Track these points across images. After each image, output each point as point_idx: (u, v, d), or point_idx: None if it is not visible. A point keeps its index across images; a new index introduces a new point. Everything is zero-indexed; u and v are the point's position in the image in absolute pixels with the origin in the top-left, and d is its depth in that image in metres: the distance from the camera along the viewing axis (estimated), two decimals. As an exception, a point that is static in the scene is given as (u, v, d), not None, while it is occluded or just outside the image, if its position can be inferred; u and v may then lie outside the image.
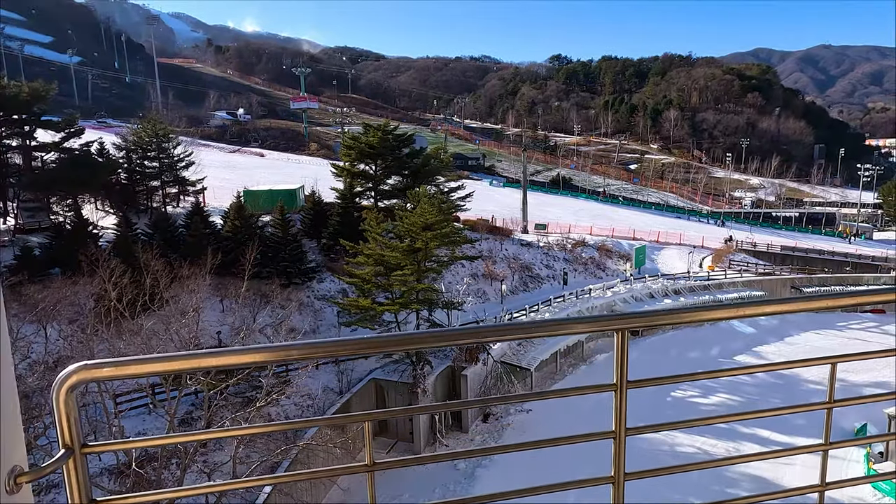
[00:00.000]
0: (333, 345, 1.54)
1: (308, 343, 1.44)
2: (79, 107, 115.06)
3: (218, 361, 1.38)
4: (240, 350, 1.42)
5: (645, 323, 1.70)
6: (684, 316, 1.66)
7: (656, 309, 1.67)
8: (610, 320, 1.62)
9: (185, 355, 1.36)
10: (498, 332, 1.67)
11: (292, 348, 1.44)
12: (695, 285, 48.33)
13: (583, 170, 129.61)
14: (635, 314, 1.65)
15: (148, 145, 43.81)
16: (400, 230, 30.52)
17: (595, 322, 1.66)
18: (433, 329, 1.54)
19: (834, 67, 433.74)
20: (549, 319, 1.64)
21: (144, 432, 21.39)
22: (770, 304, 1.73)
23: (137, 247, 24.32)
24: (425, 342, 1.61)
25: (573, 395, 1.71)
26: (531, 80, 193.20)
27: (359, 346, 1.52)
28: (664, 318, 1.69)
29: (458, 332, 1.52)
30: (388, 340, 1.73)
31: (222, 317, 30.45)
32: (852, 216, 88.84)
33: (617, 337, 1.60)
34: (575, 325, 1.59)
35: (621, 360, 1.63)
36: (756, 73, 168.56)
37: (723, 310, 1.65)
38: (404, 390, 28.86)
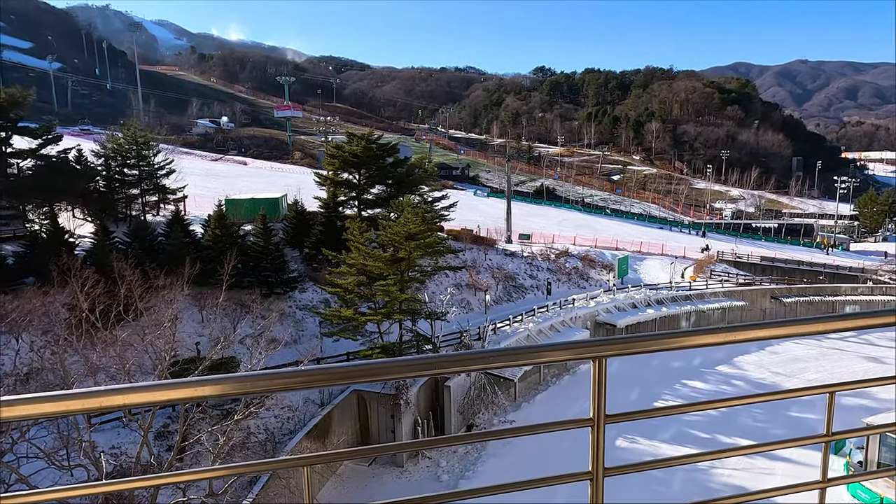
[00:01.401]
0: (290, 376, 1.37)
1: (262, 374, 1.29)
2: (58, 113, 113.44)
3: (144, 398, 1.22)
4: (176, 384, 1.26)
5: (626, 350, 1.55)
6: (670, 342, 1.52)
7: (639, 335, 1.52)
8: (587, 347, 1.49)
9: (112, 390, 1.21)
10: (467, 361, 1.51)
11: (245, 380, 1.29)
12: (677, 295, 48.67)
13: (566, 180, 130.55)
14: (616, 340, 1.52)
15: (127, 153, 43.16)
16: (383, 240, 30.32)
17: (571, 349, 1.51)
18: (403, 358, 1.36)
19: (810, 82, 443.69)
20: (521, 348, 1.43)
21: (119, 446, 20.82)
22: (761, 329, 1.60)
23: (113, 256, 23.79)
24: (391, 372, 1.46)
25: (547, 432, 1.57)
26: (515, 92, 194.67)
27: (317, 377, 1.36)
28: (647, 345, 1.55)
29: (424, 361, 1.39)
30: (350, 371, 1.47)
31: (201, 327, 29.93)
32: (830, 227, 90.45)
33: (594, 366, 1.48)
34: (549, 354, 1.47)
35: (598, 392, 1.51)
36: (735, 86, 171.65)
37: (711, 335, 1.52)
38: (387, 402, 28.53)
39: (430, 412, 29.99)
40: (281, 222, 42.50)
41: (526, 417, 31.30)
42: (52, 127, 43.14)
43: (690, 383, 36.37)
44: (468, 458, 28.17)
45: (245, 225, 38.27)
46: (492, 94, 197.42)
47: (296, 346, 31.39)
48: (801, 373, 38.32)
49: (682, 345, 1.54)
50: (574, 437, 28.80)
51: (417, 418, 28.93)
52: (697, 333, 1.52)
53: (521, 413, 31.95)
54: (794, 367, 39.29)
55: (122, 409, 1.28)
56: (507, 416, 31.54)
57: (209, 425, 19.17)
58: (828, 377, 37.76)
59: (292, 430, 26.24)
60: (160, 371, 15.97)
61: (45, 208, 37.74)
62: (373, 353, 28.87)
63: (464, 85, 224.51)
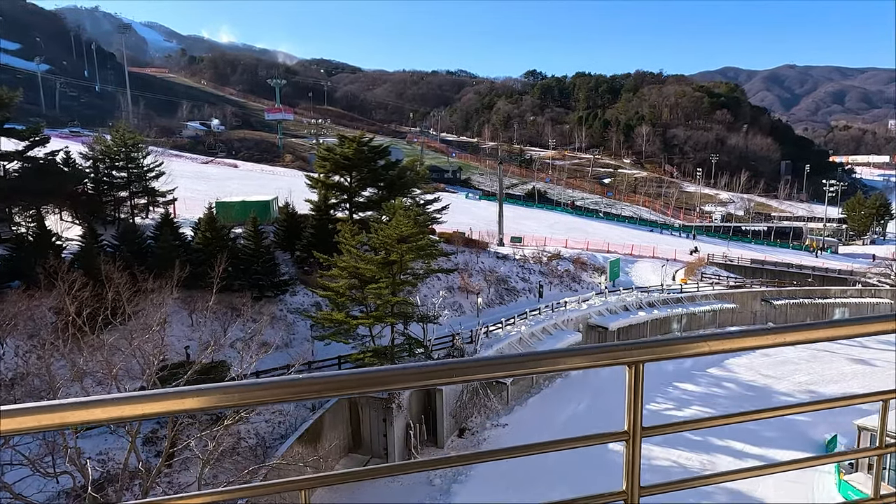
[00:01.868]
0: (283, 386, 1.22)
1: (252, 384, 1.17)
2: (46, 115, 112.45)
3: (111, 413, 1.08)
4: (151, 396, 1.10)
5: (665, 354, 1.42)
6: (713, 344, 1.40)
7: (678, 337, 1.39)
8: (621, 352, 1.35)
9: (74, 404, 1.06)
10: (486, 367, 1.35)
11: (232, 391, 1.15)
12: (668, 298, 48.81)
13: (558, 183, 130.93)
14: (653, 343, 1.38)
15: (116, 155, 42.71)
16: (375, 243, 30.14)
17: (602, 354, 1.37)
18: (411, 365, 1.21)
19: (798, 86, 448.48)
20: (547, 352, 1.29)
21: (106, 452, 20.47)
22: (812, 330, 1.47)
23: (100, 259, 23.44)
24: (398, 381, 1.30)
25: (579, 447, 1.44)
26: (507, 95, 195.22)
27: (313, 386, 1.22)
28: (686, 348, 1.41)
29: (436, 368, 1.26)
30: (348, 380, 1.29)
31: (191, 331, 29.62)
32: (819, 230, 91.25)
33: (629, 373, 1.35)
34: (576, 359, 1.33)
35: (634, 402, 1.38)
36: (724, 91, 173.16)
37: (758, 336, 1.41)
38: (379, 406, 28.32)
39: (422, 416, 29.81)
40: (272, 225, 42.21)
41: (519, 421, 31.20)
42: (40, 129, 42.61)
43: (682, 385, 36.44)
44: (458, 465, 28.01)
45: (236, 228, 37.95)
46: (483, 98, 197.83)
47: (287, 349, 31.09)
48: (790, 375, 38.53)
49: (726, 347, 1.43)
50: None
51: (410, 422, 28.74)
52: (745, 335, 1.40)
53: (514, 416, 31.84)
54: (785, 370, 39.49)
55: (85, 424, 1.11)
56: (499, 420, 31.42)
57: (199, 430, 18.90)
58: (818, 379, 38.00)
59: (283, 434, 25.97)
60: (148, 376, 15.71)
61: (31, 211, 37.23)
62: (364, 357, 28.67)
63: (455, 88, 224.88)
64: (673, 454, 28.46)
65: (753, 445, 27.63)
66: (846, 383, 36.82)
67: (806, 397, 34.85)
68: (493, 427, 30.71)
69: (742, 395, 35.06)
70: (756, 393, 35.45)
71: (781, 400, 34.61)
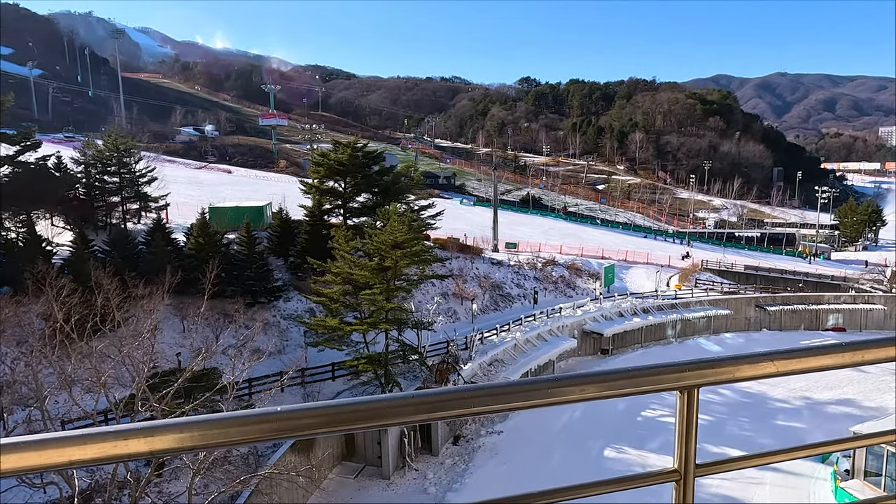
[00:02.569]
0: (256, 421, 0.99)
1: (215, 420, 0.96)
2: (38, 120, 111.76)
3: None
4: (85, 437, 0.88)
5: (721, 377, 1.24)
6: (778, 363, 1.22)
7: (735, 357, 1.23)
8: (672, 374, 1.16)
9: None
10: (513, 394, 1.15)
11: (190, 428, 0.93)
12: (663, 304, 48.81)
13: (552, 189, 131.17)
14: (708, 363, 1.19)
15: (108, 160, 42.42)
16: (369, 248, 29.97)
17: (650, 377, 1.17)
18: (413, 394, 1.07)
19: (790, 94, 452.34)
20: (574, 378, 1.03)
21: (95, 461, 20.07)
22: (878, 347, 1.30)
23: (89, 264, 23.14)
24: (401, 413, 1.07)
25: (629, 488, 1.25)
26: (501, 102, 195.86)
27: (293, 422, 1.01)
28: (748, 368, 1.21)
29: (460, 395, 1.04)
30: (340, 411, 1.05)
31: (183, 338, 29.29)
32: (811, 237, 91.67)
33: (681, 399, 1.17)
34: (621, 381, 1.15)
35: (687, 434, 1.20)
36: (717, 98, 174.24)
37: (833, 354, 1.25)
38: (373, 413, 28.07)
39: (416, 423, 29.57)
40: (265, 231, 41.95)
41: (514, 428, 30.98)
42: (31, 133, 42.29)
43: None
44: (455, 469, 27.77)
45: (229, 233, 37.67)
46: (477, 104, 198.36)
47: (280, 356, 30.81)
48: (785, 381, 38.43)
49: (797, 367, 1.25)
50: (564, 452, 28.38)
51: (404, 430, 28.47)
52: (821, 352, 1.23)
53: (510, 423, 31.62)
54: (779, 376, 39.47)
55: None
56: (494, 427, 31.20)
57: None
58: (813, 385, 37.98)
59: (275, 443, 25.67)
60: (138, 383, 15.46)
61: (22, 216, 36.86)
62: (358, 364, 28.43)
63: (449, 94, 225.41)
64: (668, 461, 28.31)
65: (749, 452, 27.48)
66: (841, 389, 36.81)
67: (801, 403, 34.83)
68: (489, 434, 30.48)
69: (738, 403, 34.98)
70: (752, 400, 35.38)
71: (778, 406, 34.58)
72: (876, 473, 23.32)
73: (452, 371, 30.97)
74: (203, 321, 26.69)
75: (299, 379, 28.80)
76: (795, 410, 33.64)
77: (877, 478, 23.19)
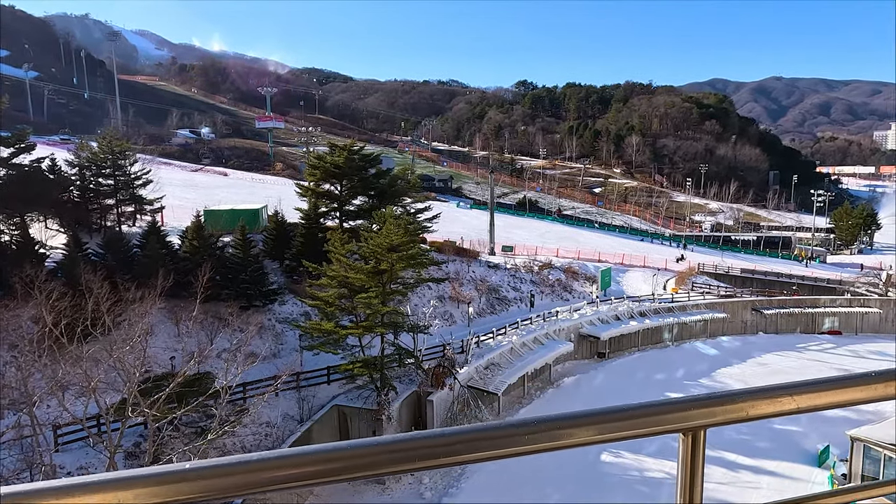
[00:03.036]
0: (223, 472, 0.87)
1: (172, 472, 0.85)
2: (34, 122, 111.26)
3: None
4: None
5: (730, 416, 1.10)
6: (798, 399, 1.09)
7: (750, 389, 1.06)
8: (674, 413, 1.03)
9: None
10: (484, 440, 1.01)
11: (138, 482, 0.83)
12: (660, 307, 48.75)
13: (549, 192, 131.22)
14: (716, 399, 1.06)
15: (103, 162, 42.15)
16: (365, 251, 29.82)
17: (645, 418, 1.05)
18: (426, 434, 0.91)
19: (785, 98, 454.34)
20: (559, 419, 0.93)
21: (86, 467, 19.88)
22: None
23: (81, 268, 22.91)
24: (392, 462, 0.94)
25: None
26: (498, 105, 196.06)
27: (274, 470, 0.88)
28: (765, 403, 1.08)
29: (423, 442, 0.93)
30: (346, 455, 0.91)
31: (176, 341, 29.07)
32: (807, 240, 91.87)
33: (684, 442, 1.03)
34: (618, 424, 1.03)
35: (691, 483, 1.05)
36: (713, 101, 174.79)
37: (861, 387, 1.11)
38: (368, 417, 27.90)
39: (412, 427, 29.38)
40: (261, 234, 41.73)
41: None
42: (25, 135, 41.91)
43: (674, 396, 36.11)
44: (451, 473, 27.59)
45: (224, 236, 37.45)
46: (474, 107, 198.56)
47: (275, 360, 30.61)
48: (782, 384, 38.50)
49: (821, 402, 1.11)
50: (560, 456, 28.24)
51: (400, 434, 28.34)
52: (847, 383, 1.10)
53: (505, 427, 31.48)
54: (776, 380, 38.62)
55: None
56: (490, 431, 31.05)
57: (182, 444, 18.42)
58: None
59: (270, 447, 25.45)
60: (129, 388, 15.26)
61: (15, 218, 36.57)
62: (354, 368, 28.25)
63: (447, 98, 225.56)
64: (666, 465, 28.23)
65: (747, 457, 27.45)
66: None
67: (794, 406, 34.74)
68: (485, 438, 30.34)
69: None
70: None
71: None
72: (873, 477, 23.25)
73: (448, 375, 30.82)
74: (197, 325, 26.50)
75: (294, 383, 28.60)
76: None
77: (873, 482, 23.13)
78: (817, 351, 46.95)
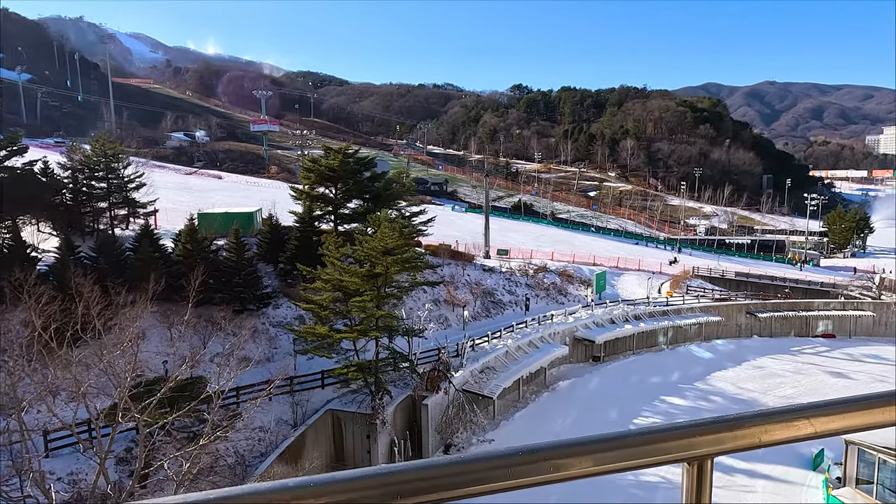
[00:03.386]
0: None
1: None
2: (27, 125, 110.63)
3: None
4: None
5: (740, 443, 1.01)
6: (816, 423, 1.01)
7: (762, 411, 0.97)
8: (676, 440, 0.94)
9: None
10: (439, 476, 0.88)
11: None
12: (654, 311, 48.79)
13: (544, 196, 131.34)
14: (725, 423, 0.97)
15: (96, 165, 41.90)
16: (359, 255, 29.70)
17: (644, 446, 0.94)
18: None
19: (778, 102, 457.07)
20: (571, 445, 0.92)
21: (76, 473, 19.66)
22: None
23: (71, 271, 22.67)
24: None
25: None
26: (493, 108, 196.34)
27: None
28: (779, 427, 1.00)
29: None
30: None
31: (169, 345, 28.81)
32: (801, 244, 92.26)
33: (689, 473, 0.95)
34: (617, 453, 0.92)
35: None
36: (707, 105, 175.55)
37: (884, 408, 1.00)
38: (363, 422, 27.74)
39: (407, 431, 29.25)
40: (255, 237, 41.56)
41: (505, 436, 30.73)
42: (18, 138, 41.64)
43: (669, 399, 36.25)
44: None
45: (218, 239, 37.27)
46: (469, 111, 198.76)
47: (268, 364, 30.42)
48: (776, 388, 38.54)
49: (840, 426, 1.02)
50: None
51: (394, 438, 28.17)
52: (862, 406, 1.01)
53: (501, 432, 31.37)
54: (771, 383, 39.50)
55: None
56: (485, 435, 30.94)
57: (175, 449, 18.23)
58: (803, 392, 38.01)
59: (263, 452, 25.27)
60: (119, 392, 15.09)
61: (7, 222, 36.27)
62: (348, 372, 28.09)
63: (442, 101, 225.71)
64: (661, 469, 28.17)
65: (742, 460, 27.38)
66: (824, 392, 36.87)
67: (792, 410, 34.78)
68: (480, 443, 30.20)
69: (729, 409, 34.86)
70: (743, 406, 35.29)
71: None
72: (867, 481, 23.24)
73: (443, 379, 30.70)
74: (190, 329, 26.29)
75: (288, 387, 28.42)
76: (787, 417, 33.61)
77: (868, 485, 23.12)
78: (811, 354, 47.06)
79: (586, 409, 33.65)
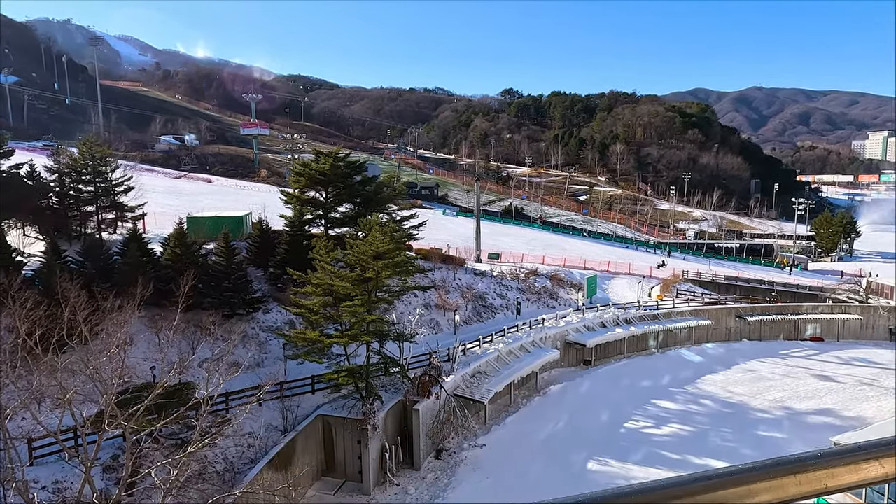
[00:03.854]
0: None
1: None
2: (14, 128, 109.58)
3: None
4: None
5: (803, 491, 0.90)
6: (870, 467, 0.90)
7: (821, 454, 0.93)
8: (733, 486, 0.86)
9: None
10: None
11: None
12: (645, 314, 48.96)
13: (534, 200, 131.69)
14: (785, 467, 0.88)
15: (83, 168, 41.45)
16: (350, 259, 29.54)
17: (689, 496, 0.85)
18: None
19: (766, 108, 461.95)
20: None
21: (62, 481, 19.33)
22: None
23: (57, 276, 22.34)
24: None
25: None
26: (484, 113, 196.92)
27: None
28: (838, 474, 0.89)
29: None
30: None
31: (157, 351, 28.49)
32: (788, 248, 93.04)
33: None
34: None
35: None
36: (696, 111, 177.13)
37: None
38: (353, 427, 27.52)
39: (398, 437, 29.07)
40: (245, 241, 41.25)
41: (497, 441, 30.63)
42: (4, 141, 41.21)
43: (660, 403, 36.31)
44: (437, 484, 27.32)
45: (207, 244, 36.94)
46: (460, 115, 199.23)
47: (258, 369, 30.14)
48: (766, 392, 38.72)
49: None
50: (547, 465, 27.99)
51: (385, 444, 27.98)
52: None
53: (493, 437, 31.27)
54: (760, 386, 39.68)
55: None
56: (477, 441, 30.82)
57: (162, 456, 17.97)
58: (792, 395, 38.23)
59: (253, 458, 25.00)
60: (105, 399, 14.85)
61: (-9, 225, 35.73)
62: (339, 377, 27.89)
63: (433, 105, 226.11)
64: (652, 472, 28.16)
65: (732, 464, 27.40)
66: (819, 399, 37.10)
67: (782, 414, 34.96)
68: (471, 448, 30.09)
69: (720, 413, 35.01)
70: (733, 410, 35.45)
71: (759, 417, 34.63)
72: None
73: (435, 383, 30.57)
74: (179, 334, 25.99)
75: (278, 393, 28.17)
76: (776, 421, 33.76)
77: (858, 488, 23.24)
78: (800, 357, 47.39)
79: (577, 413, 33.64)
